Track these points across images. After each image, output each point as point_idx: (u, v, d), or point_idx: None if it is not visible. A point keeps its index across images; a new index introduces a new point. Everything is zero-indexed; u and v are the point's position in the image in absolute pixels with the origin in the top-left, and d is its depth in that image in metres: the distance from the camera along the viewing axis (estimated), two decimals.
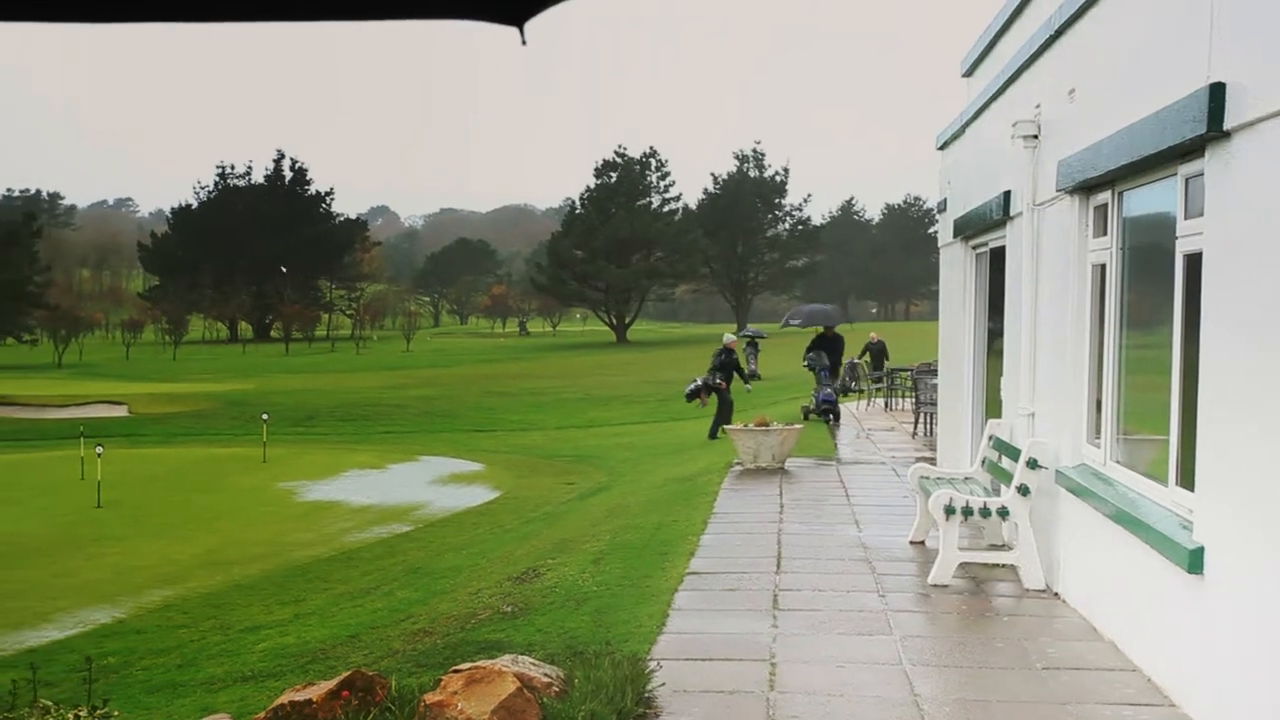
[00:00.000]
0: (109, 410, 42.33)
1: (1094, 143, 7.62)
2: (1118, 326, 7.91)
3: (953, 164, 14.32)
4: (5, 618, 13.46)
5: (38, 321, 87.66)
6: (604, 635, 7.64)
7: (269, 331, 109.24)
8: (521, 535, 15.25)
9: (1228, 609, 5.56)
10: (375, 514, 20.43)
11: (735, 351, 22.56)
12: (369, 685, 5.86)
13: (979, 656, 7.26)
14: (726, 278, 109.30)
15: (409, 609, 10.72)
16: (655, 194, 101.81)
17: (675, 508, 13.57)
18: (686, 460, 20.96)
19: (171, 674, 9.99)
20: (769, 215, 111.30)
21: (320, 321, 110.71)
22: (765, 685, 6.67)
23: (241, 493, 23.42)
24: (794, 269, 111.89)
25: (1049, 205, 9.17)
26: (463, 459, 28.52)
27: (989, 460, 10.53)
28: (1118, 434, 7.94)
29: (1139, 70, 7.01)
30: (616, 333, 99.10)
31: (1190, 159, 6.19)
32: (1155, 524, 6.47)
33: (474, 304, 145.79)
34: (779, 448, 16.21)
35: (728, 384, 22.12)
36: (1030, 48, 9.50)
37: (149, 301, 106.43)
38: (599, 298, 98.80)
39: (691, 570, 9.67)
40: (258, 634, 11.32)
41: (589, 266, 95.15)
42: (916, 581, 9.31)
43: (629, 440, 29.67)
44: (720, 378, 21.98)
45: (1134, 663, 6.98)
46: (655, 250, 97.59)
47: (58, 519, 20.33)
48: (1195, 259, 6.09)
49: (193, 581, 15.15)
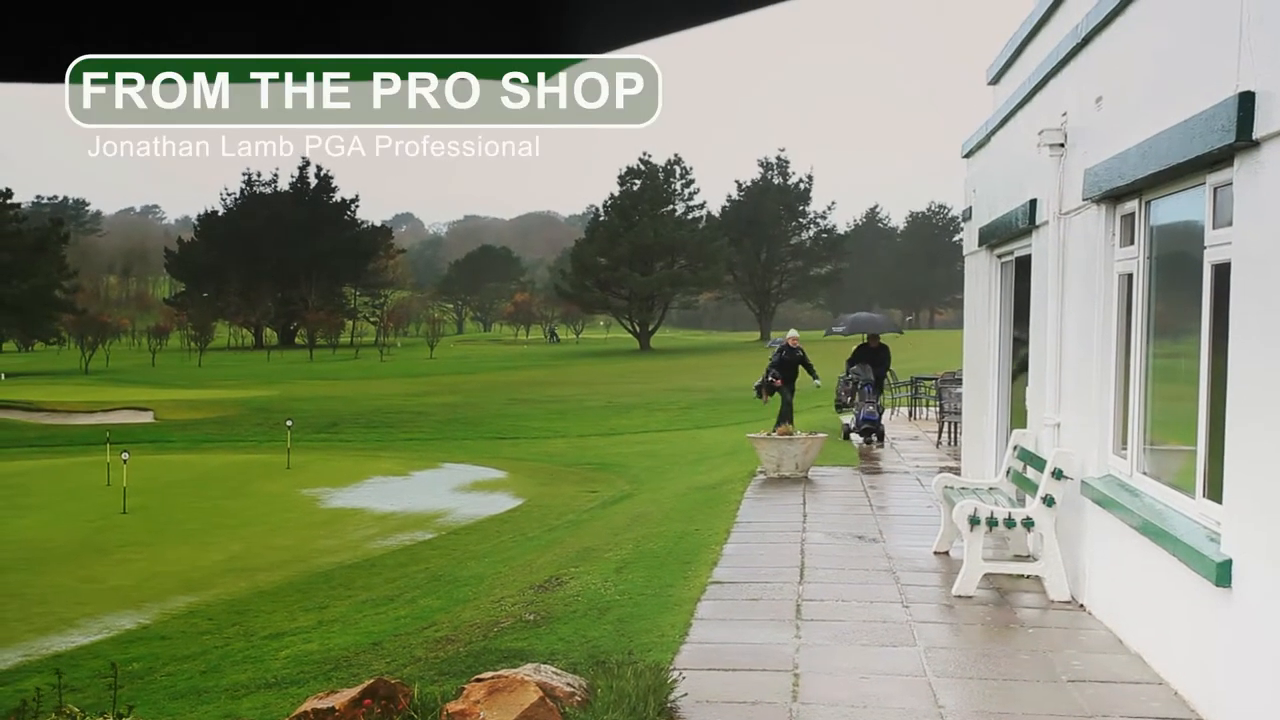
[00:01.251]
0: (135, 416, 42.57)
1: (1121, 151, 7.57)
2: (1144, 337, 7.84)
3: (978, 172, 14.25)
4: (32, 623, 13.55)
5: (65, 327, 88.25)
6: (626, 644, 7.62)
7: (294, 338, 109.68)
8: (544, 543, 15.25)
9: (1256, 623, 5.50)
10: (398, 521, 20.47)
11: (800, 348, 20.69)
12: (391, 693, 5.86)
13: (1003, 668, 7.21)
14: (750, 285, 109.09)
15: (431, 616, 10.72)
16: (679, 201, 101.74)
17: (698, 516, 13.55)
18: (709, 469, 20.92)
19: (195, 680, 10.02)
20: (793, 223, 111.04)
21: (344, 328, 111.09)
22: (788, 696, 6.64)
23: (266, 499, 23.50)
24: (818, 277, 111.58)
25: (1075, 214, 9.12)
26: (485, 466, 28.54)
27: (1014, 471, 10.46)
28: (1144, 445, 7.88)
29: (1167, 79, 6.96)
30: (640, 340, 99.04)
31: (1219, 168, 6.14)
32: (1182, 536, 6.42)
33: (497, 311, 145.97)
34: (802, 457, 16.16)
35: (786, 382, 20.45)
36: (1057, 56, 9.45)
37: (175, 308, 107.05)
38: (622, 305, 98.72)
39: (714, 579, 9.64)
40: (281, 640, 11.34)
41: (612, 274, 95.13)
42: (941, 592, 9.26)
43: (651, 448, 29.63)
44: (777, 375, 20.44)
45: (1160, 676, 6.91)
46: (679, 258, 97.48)
47: (84, 525, 20.45)
48: (1224, 269, 6.04)
49: (217, 587, 15.21)
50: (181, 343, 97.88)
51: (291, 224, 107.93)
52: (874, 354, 21.35)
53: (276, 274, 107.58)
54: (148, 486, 23.68)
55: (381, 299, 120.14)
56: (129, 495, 21.78)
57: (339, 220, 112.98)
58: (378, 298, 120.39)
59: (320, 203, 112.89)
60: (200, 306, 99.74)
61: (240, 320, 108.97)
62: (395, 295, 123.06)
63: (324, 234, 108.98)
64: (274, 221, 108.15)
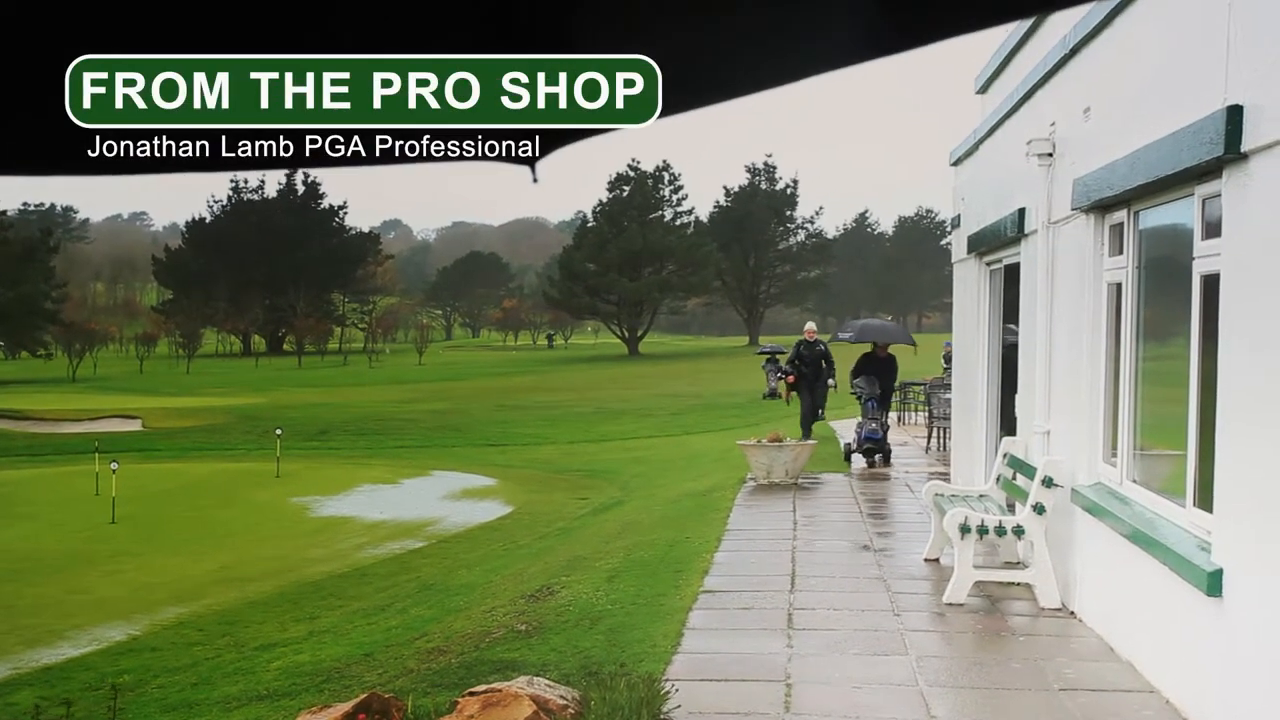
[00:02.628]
0: (123, 425, 42.41)
1: (1110, 162, 7.61)
2: (1133, 346, 7.88)
3: (966, 180, 14.31)
4: (21, 635, 13.49)
5: (52, 335, 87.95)
6: (618, 655, 7.63)
7: (282, 345, 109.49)
8: (535, 552, 15.24)
9: (1248, 632, 5.53)
10: (388, 530, 20.43)
11: (821, 341, 19.63)
12: (385, 708, 5.86)
13: (995, 677, 7.23)
14: (739, 290, 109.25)
15: (423, 627, 10.71)
16: (668, 207, 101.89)
17: (689, 524, 13.56)
18: (699, 475, 20.93)
19: (187, 692, 9.99)
20: (781, 228, 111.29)
21: (333, 335, 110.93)
22: (781, 707, 6.65)
23: (255, 508, 23.43)
24: (806, 281, 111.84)
25: (1064, 223, 9.16)
26: (475, 474, 28.51)
27: (1004, 478, 10.50)
28: (1134, 453, 7.92)
29: (1155, 90, 7.00)
30: (628, 346, 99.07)
31: (1207, 180, 6.18)
32: (1173, 545, 6.45)
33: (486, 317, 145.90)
34: (792, 463, 16.20)
35: (806, 381, 19.25)
36: (1045, 65, 9.50)
37: (162, 315, 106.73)
38: (611, 311, 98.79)
39: (706, 588, 9.65)
40: (272, 652, 11.32)
41: (601, 279, 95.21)
42: (932, 600, 9.28)
43: (641, 454, 29.63)
44: (790, 370, 19.28)
45: (1152, 684, 6.94)
46: (667, 263, 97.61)
47: (72, 535, 20.37)
48: (1213, 279, 6.08)
49: (207, 598, 15.17)
50: (169, 350, 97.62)
51: (279, 231, 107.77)
52: (880, 365, 19.42)
53: (265, 281, 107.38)
54: (136, 495, 23.59)
55: (370, 305, 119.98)
56: (117, 505, 21.70)
57: (327, 227, 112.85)
58: (366, 304, 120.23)
59: (308, 209, 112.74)
60: (188, 313, 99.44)
61: (228, 327, 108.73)
62: (384, 302, 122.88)
63: (312, 240, 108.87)
64: (262, 228, 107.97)
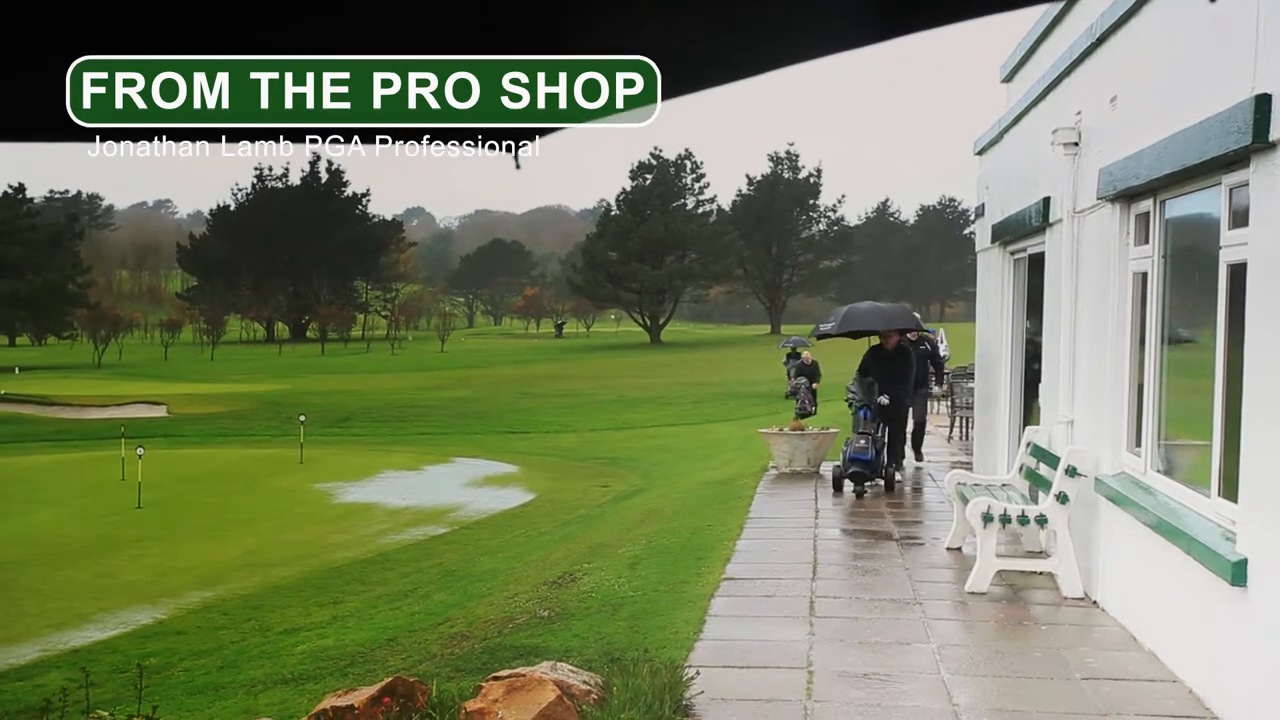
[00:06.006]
0: (148, 410, 42.72)
1: (1136, 151, 7.58)
2: (1158, 335, 7.86)
3: (991, 169, 14.25)
4: (49, 618, 13.63)
5: (78, 321, 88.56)
6: (641, 641, 7.66)
7: (305, 332, 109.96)
8: (557, 538, 15.30)
9: (1272, 621, 5.52)
10: (411, 516, 20.53)
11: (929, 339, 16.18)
12: (410, 692, 5.91)
13: (1017, 666, 7.24)
14: (760, 279, 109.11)
15: (446, 612, 10.78)
16: (690, 195, 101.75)
17: (711, 512, 13.58)
18: (721, 463, 20.96)
19: (213, 676, 10.08)
20: (803, 217, 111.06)
21: (356, 322, 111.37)
22: (803, 694, 6.67)
23: (279, 494, 23.58)
24: (828, 270, 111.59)
25: (1090, 212, 9.13)
26: (497, 461, 28.60)
27: (1027, 467, 10.48)
28: (1158, 443, 7.90)
29: (1182, 79, 6.97)
30: (650, 334, 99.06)
31: (1234, 169, 6.15)
32: (1197, 535, 6.43)
33: (508, 305, 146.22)
34: (814, 452, 16.19)
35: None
36: (1071, 55, 9.45)
37: (187, 302, 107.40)
38: (633, 299, 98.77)
39: (728, 576, 9.68)
40: (297, 636, 11.41)
41: (623, 268, 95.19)
42: (954, 589, 9.28)
43: (663, 442, 29.66)
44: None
45: (1175, 674, 6.93)
46: (689, 252, 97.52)
47: (98, 520, 20.55)
48: (1239, 269, 6.05)
49: (232, 582, 15.29)
50: (194, 336, 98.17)
51: (303, 219, 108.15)
52: (890, 360, 14.94)
53: (288, 268, 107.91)
54: (161, 481, 23.77)
55: (392, 293, 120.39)
56: (143, 490, 21.88)
57: (350, 215, 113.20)
58: (389, 292, 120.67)
59: (332, 197, 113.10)
60: (212, 300, 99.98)
61: (252, 314, 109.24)
62: (406, 289, 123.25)
63: (335, 228, 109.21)
64: (286, 216, 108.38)
